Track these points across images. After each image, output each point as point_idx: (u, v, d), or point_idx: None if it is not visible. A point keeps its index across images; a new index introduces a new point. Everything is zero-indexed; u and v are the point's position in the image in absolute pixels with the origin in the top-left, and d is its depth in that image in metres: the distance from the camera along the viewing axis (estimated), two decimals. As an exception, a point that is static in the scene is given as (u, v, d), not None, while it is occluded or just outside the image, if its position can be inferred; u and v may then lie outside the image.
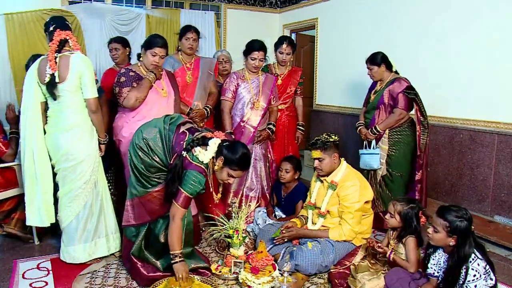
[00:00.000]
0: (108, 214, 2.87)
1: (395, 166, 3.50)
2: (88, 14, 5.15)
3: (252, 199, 3.47)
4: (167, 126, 2.47)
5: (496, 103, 3.63)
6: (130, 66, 3.05)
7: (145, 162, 2.45)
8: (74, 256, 2.75)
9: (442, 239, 2.11)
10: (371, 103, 3.63)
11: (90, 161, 2.72)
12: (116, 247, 2.90)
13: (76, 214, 2.72)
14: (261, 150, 3.50)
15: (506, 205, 3.58)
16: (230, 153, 2.34)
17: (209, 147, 2.33)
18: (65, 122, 2.65)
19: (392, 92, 3.45)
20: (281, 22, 6.80)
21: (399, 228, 2.50)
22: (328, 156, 2.73)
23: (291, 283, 2.42)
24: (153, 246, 2.60)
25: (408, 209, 2.44)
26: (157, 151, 2.44)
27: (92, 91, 2.64)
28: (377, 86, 3.64)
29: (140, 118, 2.88)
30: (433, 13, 4.16)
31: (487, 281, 2.02)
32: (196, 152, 2.32)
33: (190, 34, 3.40)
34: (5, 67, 5.00)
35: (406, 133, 3.49)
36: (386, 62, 3.53)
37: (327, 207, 2.77)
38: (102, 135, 2.83)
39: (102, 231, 2.83)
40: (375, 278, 2.35)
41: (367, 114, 3.71)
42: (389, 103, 3.50)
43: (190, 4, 6.29)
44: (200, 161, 2.32)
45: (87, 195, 2.73)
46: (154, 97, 2.94)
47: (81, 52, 2.69)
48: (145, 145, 2.44)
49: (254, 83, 3.45)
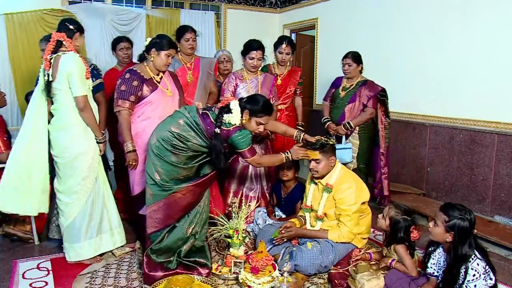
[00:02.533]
0: (110, 209, 2.92)
1: (360, 159, 3.85)
2: (88, 14, 5.16)
3: (252, 199, 3.47)
4: (187, 114, 2.53)
5: (496, 103, 3.63)
6: (135, 67, 2.97)
7: (180, 156, 2.47)
8: (80, 253, 2.78)
9: (440, 233, 2.12)
10: (341, 99, 3.85)
11: (86, 158, 2.74)
12: (122, 241, 2.97)
13: (79, 211, 2.76)
14: (260, 150, 3.49)
15: (506, 205, 3.58)
16: (252, 104, 2.54)
17: (233, 110, 2.49)
18: (60, 120, 2.71)
19: (368, 93, 3.74)
20: (281, 22, 6.80)
21: (387, 232, 2.53)
22: (325, 159, 2.71)
23: (291, 283, 2.42)
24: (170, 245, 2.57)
25: (400, 219, 2.45)
26: (193, 137, 2.49)
27: (79, 89, 2.63)
28: (345, 83, 3.87)
29: (144, 118, 2.90)
30: (433, 13, 4.17)
31: (486, 281, 2.02)
32: (226, 120, 2.48)
33: (189, 35, 3.40)
34: (5, 67, 5.00)
35: (369, 128, 3.85)
36: (362, 63, 3.81)
37: (323, 210, 2.76)
38: (98, 133, 2.79)
39: (106, 226, 2.88)
40: (374, 278, 2.35)
41: (335, 109, 3.89)
42: (361, 102, 3.76)
43: (190, 4, 6.29)
44: (233, 125, 2.49)
45: (87, 191, 2.77)
46: (159, 97, 2.94)
47: (80, 52, 2.74)
48: (177, 138, 2.46)
49: (253, 83, 3.45)
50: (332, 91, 3.96)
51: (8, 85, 4.95)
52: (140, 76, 2.89)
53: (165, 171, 2.47)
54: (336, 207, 2.70)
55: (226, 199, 3.42)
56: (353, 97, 3.78)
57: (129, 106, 2.84)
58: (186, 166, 2.49)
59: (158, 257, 2.54)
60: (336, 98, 3.89)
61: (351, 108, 3.79)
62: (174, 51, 2.93)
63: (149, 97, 2.90)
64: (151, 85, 2.91)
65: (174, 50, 2.93)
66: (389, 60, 4.72)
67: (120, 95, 2.84)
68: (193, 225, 2.57)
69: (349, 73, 3.79)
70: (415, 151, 4.45)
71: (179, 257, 2.58)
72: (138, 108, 2.91)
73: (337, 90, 3.89)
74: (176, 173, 2.48)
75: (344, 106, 3.81)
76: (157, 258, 2.53)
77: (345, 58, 3.79)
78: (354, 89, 3.79)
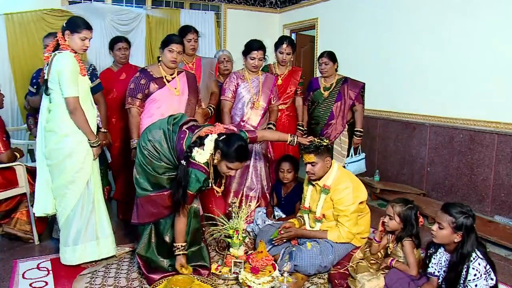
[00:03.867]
0: (100, 217, 2.77)
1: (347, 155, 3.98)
2: (88, 14, 5.15)
3: (252, 199, 3.47)
4: (170, 126, 2.49)
5: (496, 103, 3.63)
6: (149, 67, 3.07)
7: (153, 163, 2.47)
8: (65, 257, 2.71)
9: (448, 235, 2.10)
10: (326, 99, 3.85)
11: (74, 162, 2.63)
12: (109, 252, 2.79)
13: (66, 215, 2.68)
14: (261, 150, 3.50)
15: (506, 205, 3.58)
16: (226, 146, 2.37)
17: (205, 147, 2.38)
18: (51, 120, 2.65)
19: (353, 90, 3.80)
20: (281, 22, 6.80)
21: (398, 230, 2.49)
22: (321, 161, 2.69)
23: (291, 283, 2.42)
24: (160, 246, 2.61)
25: (407, 210, 2.43)
26: (164, 152, 2.46)
27: (69, 90, 2.53)
28: (324, 83, 3.88)
29: (149, 115, 2.94)
30: (433, 13, 4.17)
31: (487, 280, 2.02)
32: (194, 153, 2.36)
33: (191, 35, 3.42)
34: (5, 67, 5.00)
35: (351, 124, 3.93)
36: (337, 61, 3.84)
37: (322, 212, 2.75)
38: (91, 136, 2.65)
39: (92, 235, 2.72)
40: (374, 278, 2.35)
41: (321, 110, 3.88)
42: (347, 99, 3.81)
43: (190, 4, 6.29)
44: (198, 161, 2.37)
45: (75, 196, 2.65)
46: (164, 95, 2.97)
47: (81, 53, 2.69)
48: (152, 147, 2.47)
49: (254, 83, 3.45)
50: (311, 94, 3.94)
51: (8, 85, 4.95)
52: (149, 74, 2.98)
53: (142, 170, 2.51)
54: (334, 208, 2.69)
55: (226, 199, 3.42)
56: (338, 95, 3.81)
57: (139, 104, 2.96)
58: (156, 174, 2.49)
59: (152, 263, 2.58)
60: (319, 99, 3.87)
61: (339, 107, 3.81)
62: (176, 46, 2.94)
63: (154, 95, 2.96)
64: (158, 83, 2.97)
65: (176, 45, 2.94)
66: (389, 60, 4.72)
67: (129, 93, 2.98)
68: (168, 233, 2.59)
69: (326, 72, 3.81)
70: (415, 151, 4.45)
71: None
72: (145, 105, 2.99)
73: (318, 91, 3.89)
74: (148, 176, 2.50)
75: (331, 105, 3.82)
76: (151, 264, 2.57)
77: (321, 57, 3.82)
78: (337, 88, 3.82)
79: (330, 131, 3.82)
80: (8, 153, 3.09)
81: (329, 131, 3.82)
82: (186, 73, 3.14)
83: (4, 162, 3.06)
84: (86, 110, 2.65)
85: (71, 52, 2.62)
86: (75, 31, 2.62)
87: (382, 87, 4.75)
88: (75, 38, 2.63)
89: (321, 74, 3.89)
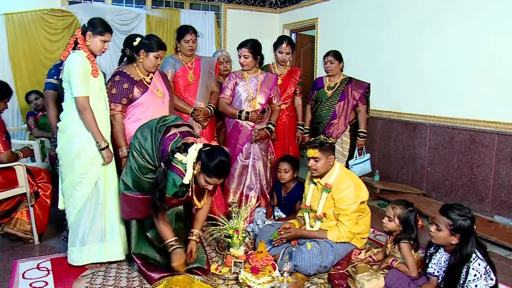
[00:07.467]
0: (111, 219, 2.73)
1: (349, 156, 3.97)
2: (88, 14, 5.14)
3: (252, 198, 3.47)
4: (158, 126, 2.51)
5: (496, 103, 3.63)
6: (124, 68, 2.94)
7: (138, 161, 2.51)
8: (72, 257, 2.72)
9: (445, 237, 2.10)
10: (329, 98, 3.84)
11: (81, 163, 2.61)
12: (117, 256, 2.74)
13: (74, 215, 2.68)
14: (260, 150, 3.49)
15: (506, 205, 3.58)
16: (207, 159, 2.26)
17: (189, 155, 2.30)
18: (62, 120, 2.66)
19: (357, 90, 3.79)
20: (281, 22, 6.80)
21: (397, 231, 2.49)
22: (324, 157, 2.70)
23: (291, 283, 2.42)
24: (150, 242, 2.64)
25: (408, 213, 2.43)
26: (147, 150, 2.48)
27: (78, 89, 2.52)
28: (328, 82, 3.88)
29: (135, 119, 2.87)
30: (433, 13, 4.17)
31: (487, 281, 2.02)
32: (175, 157, 2.31)
33: (189, 36, 3.37)
34: (5, 67, 5.00)
35: (354, 124, 3.92)
36: (343, 61, 3.84)
37: (323, 210, 2.75)
38: (98, 138, 2.59)
39: (100, 236, 2.70)
40: (374, 279, 2.35)
41: (324, 109, 3.87)
42: (351, 99, 3.81)
43: (190, 4, 6.30)
44: (181, 164, 2.31)
45: (83, 197, 2.64)
46: (150, 98, 2.92)
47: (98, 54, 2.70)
48: (138, 144, 2.51)
49: (253, 81, 3.46)
50: (315, 93, 3.95)
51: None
52: (130, 78, 2.87)
53: (129, 167, 2.54)
54: (335, 207, 2.70)
55: (226, 199, 3.42)
56: (342, 95, 3.79)
57: (122, 109, 2.84)
58: (140, 175, 2.49)
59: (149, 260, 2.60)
60: (322, 98, 3.87)
61: (341, 106, 3.80)
62: (163, 52, 2.90)
63: (140, 99, 2.88)
64: (141, 87, 2.89)
65: (163, 51, 2.90)
66: (389, 60, 4.72)
67: (112, 99, 2.81)
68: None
69: (332, 71, 3.80)
70: (415, 151, 4.45)
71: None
72: (128, 110, 2.89)
73: (322, 90, 3.89)
74: (133, 175, 2.53)
75: (334, 105, 3.81)
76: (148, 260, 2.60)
77: (327, 56, 3.81)
78: (341, 87, 3.81)
79: (332, 130, 3.81)
80: (8, 153, 3.09)
81: (331, 130, 3.82)
82: (159, 72, 3.09)
83: (4, 162, 3.06)
84: (98, 111, 2.62)
85: (84, 51, 2.60)
86: (98, 33, 2.62)
87: (382, 87, 4.75)
88: (96, 40, 2.63)
89: (326, 73, 3.88)
